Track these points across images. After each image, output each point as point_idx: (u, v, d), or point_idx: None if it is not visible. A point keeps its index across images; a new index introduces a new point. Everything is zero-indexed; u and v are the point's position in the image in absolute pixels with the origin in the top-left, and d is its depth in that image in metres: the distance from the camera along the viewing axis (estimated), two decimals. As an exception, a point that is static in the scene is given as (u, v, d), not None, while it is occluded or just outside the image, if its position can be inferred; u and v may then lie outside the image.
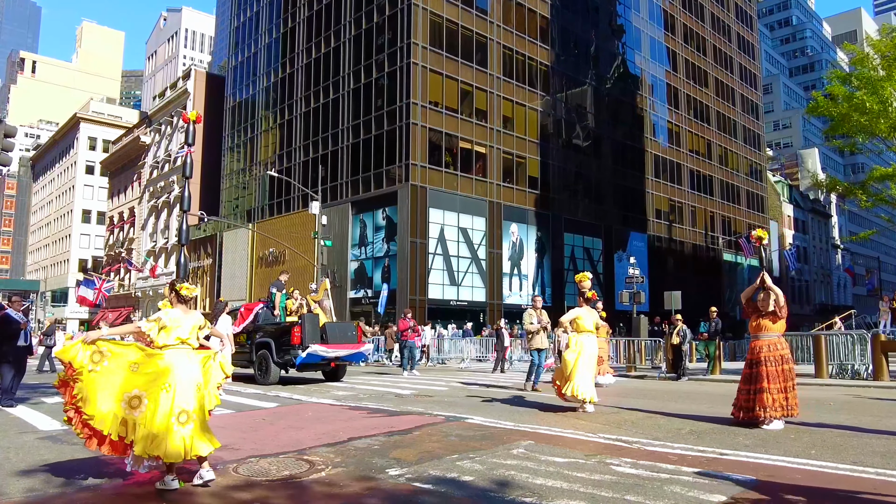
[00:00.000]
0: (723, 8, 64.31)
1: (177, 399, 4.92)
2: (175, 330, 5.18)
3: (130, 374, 5.04)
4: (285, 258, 43.10)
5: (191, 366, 5.15)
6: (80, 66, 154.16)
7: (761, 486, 4.85)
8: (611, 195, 48.01)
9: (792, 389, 7.66)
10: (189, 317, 5.31)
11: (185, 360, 5.13)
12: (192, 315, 5.37)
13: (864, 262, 78.98)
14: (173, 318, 5.22)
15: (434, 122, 37.39)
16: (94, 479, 5.31)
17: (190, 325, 5.27)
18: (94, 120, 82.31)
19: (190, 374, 5.09)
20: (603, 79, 48.70)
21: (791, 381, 7.68)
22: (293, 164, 45.08)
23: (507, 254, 40.20)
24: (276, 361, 14.09)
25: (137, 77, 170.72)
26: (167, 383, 4.95)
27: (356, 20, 41.02)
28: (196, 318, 5.39)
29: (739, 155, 63.70)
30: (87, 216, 79.65)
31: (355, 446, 6.57)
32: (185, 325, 5.24)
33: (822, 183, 35.46)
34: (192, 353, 5.25)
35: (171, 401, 4.90)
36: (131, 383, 5.00)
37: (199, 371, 5.19)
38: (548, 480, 5.01)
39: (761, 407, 7.54)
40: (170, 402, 4.90)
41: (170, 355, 5.09)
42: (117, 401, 4.97)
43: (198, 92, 57.04)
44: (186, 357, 5.16)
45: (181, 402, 4.93)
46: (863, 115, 25.71)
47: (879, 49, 26.55)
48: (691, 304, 33.03)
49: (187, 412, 4.92)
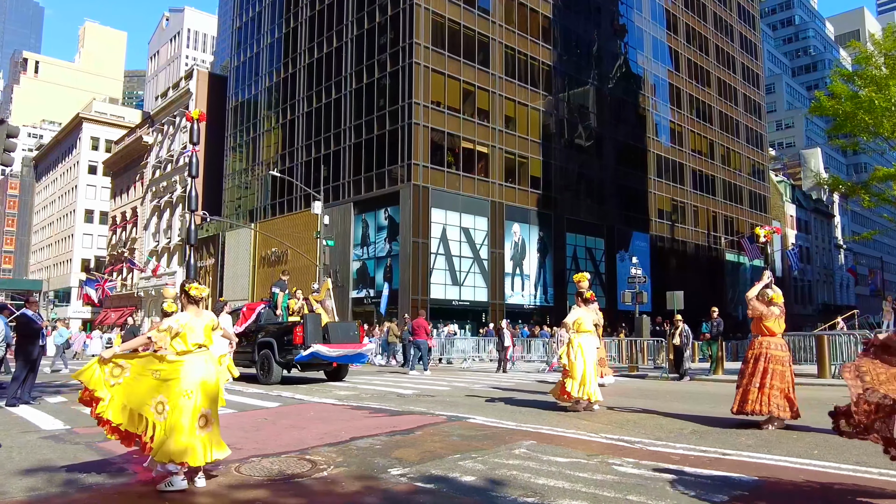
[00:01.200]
0: (725, 7, 64.21)
1: (198, 405, 4.98)
2: (190, 335, 5.17)
3: (153, 381, 5.08)
4: (288, 258, 43.13)
5: (210, 371, 5.19)
6: (82, 67, 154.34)
7: (764, 487, 4.84)
8: (613, 195, 47.96)
9: (791, 390, 7.64)
10: (201, 319, 5.31)
11: (204, 366, 5.16)
12: (203, 316, 5.36)
13: (867, 262, 78.90)
14: (185, 323, 5.20)
15: (436, 122, 37.38)
16: (96, 477, 5.31)
17: (202, 328, 5.27)
18: (97, 120, 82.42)
19: (209, 379, 5.15)
20: (605, 78, 48.65)
21: (789, 380, 7.65)
22: (295, 163, 45.11)
23: (509, 254, 40.18)
24: (279, 361, 14.10)
25: (140, 77, 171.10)
26: (189, 390, 4.98)
27: (358, 20, 41.03)
28: (208, 318, 5.40)
29: (742, 155, 63.61)
30: (90, 216, 79.77)
31: (357, 446, 6.57)
32: (198, 328, 5.23)
33: (824, 182, 35.44)
34: (210, 357, 5.28)
35: (193, 407, 4.95)
36: (156, 390, 5.05)
37: (216, 376, 5.25)
38: (550, 480, 5.00)
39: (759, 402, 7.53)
40: (192, 408, 4.94)
41: (189, 361, 5.10)
42: (146, 406, 5.03)
43: (200, 92, 57.10)
44: (205, 362, 5.19)
45: (202, 407, 5.00)
46: (868, 114, 25.69)
47: (884, 48, 26.52)
48: (694, 305, 32.93)
49: (206, 416, 4.99)
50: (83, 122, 79.97)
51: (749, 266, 61.18)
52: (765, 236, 9.22)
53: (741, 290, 59.98)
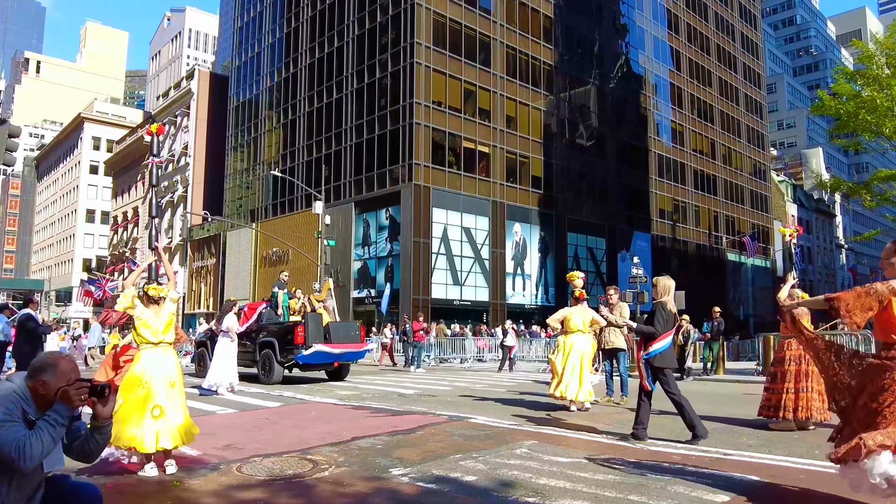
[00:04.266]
0: (727, 7, 64.13)
1: (151, 395, 5.39)
2: (149, 330, 5.66)
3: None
4: (289, 258, 43.14)
5: (165, 364, 5.61)
6: (84, 67, 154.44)
7: (765, 487, 4.84)
8: (614, 195, 47.93)
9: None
10: (161, 317, 5.76)
11: (161, 359, 5.60)
12: (163, 313, 5.79)
13: (869, 262, 78.83)
14: (147, 317, 5.71)
15: (437, 122, 37.38)
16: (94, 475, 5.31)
17: (164, 324, 5.73)
18: (99, 120, 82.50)
19: (165, 370, 5.56)
20: (606, 78, 48.62)
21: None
22: (297, 163, 45.12)
23: (510, 253, 40.17)
24: (280, 361, 14.12)
25: (141, 77, 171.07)
26: (143, 381, 5.42)
27: (359, 20, 41.03)
28: (167, 313, 5.80)
29: (743, 154, 63.53)
30: (92, 216, 79.85)
31: (359, 446, 6.57)
32: (158, 325, 5.70)
33: (826, 183, 35.40)
34: (167, 351, 5.72)
35: (146, 397, 5.37)
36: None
37: (174, 368, 5.65)
38: (551, 480, 5.00)
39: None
40: (144, 398, 5.36)
41: (145, 355, 5.60)
42: None
43: (201, 92, 57.13)
44: (162, 355, 5.63)
45: (156, 398, 5.39)
46: (870, 114, 25.65)
47: (886, 47, 26.48)
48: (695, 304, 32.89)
49: (160, 407, 5.36)
50: (85, 122, 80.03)
51: (751, 266, 61.12)
52: (789, 235, 9.21)
53: (742, 290, 59.97)
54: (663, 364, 6.68)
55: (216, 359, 12.24)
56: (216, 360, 12.21)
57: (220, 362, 12.12)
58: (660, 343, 6.62)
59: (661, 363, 6.66)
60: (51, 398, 2.82)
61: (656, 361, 6.65)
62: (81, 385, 2.84)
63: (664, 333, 6.66)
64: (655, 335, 6.65)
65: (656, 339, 6.64)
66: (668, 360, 6.78)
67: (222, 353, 12.21)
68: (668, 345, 6.65)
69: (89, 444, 3.00)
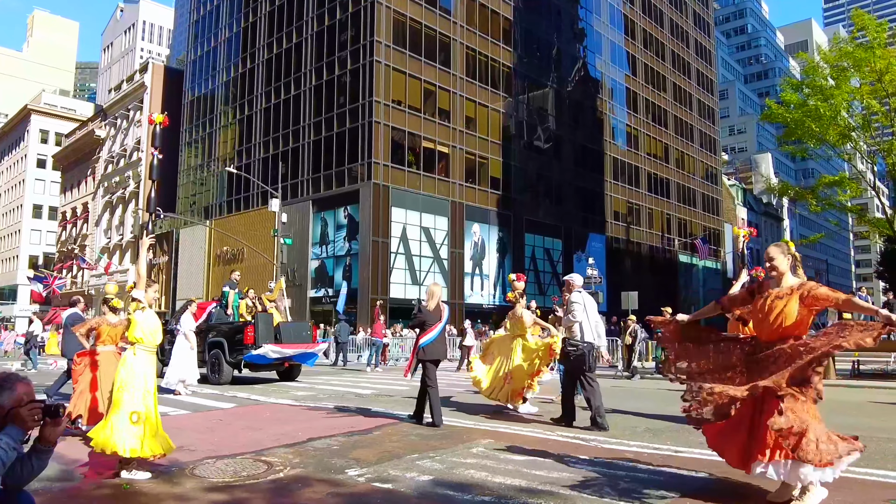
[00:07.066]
0: (681, 14, 65.60)
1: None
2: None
3: None
4: (244, 256, 42.50)
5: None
6: (31, 56, 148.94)
7: (715, 483, 4.98)
8: (571, 197, 48.55)
9: None
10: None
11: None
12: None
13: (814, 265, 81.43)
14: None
15: (397, 121, 37.31)
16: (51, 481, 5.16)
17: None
18: (47, 112, 79.95)
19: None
20: (564, 81, 49.22)
21: None
22: (253, 160, 44.47)
23: (468, 253, 40.34)
24: (229, 361, 13.89)
25: (92, 69, 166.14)
26: (121, 385, 5.35)
27: (319, 16, 40.67)
28: (151, 314, 5.77)
29: (696, 159, 65.06)
30: (39, 211, 77.33)
31: (314, 447, 6.52)
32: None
33: (774, 187, 36.44)
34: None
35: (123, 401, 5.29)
36: None
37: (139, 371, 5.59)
38: (507, 479, 5.05)
39: None
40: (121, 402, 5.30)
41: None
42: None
43: (155, 86, 55.84)
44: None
45: (133, 403, 5.28)
46: (815, 122, 26.58)
47: (828, 59, 27.49)
48: (648, 305, 33.55)
49: (138, 413, 5.25)
50: (31, 114, 77.47)
51: (702, 267, 62.61)
52: (744, 236, 9.57)
53: (693, 291, 61.42)
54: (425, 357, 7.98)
55: (174, 358, 12.10)
56: (174, 360, 12.09)
57: (178, 361, 12.02)
58: (426, 336, 7.98)
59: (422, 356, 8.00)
60: (1, 419, 2.68)
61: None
62: (34, 406, 2.71)
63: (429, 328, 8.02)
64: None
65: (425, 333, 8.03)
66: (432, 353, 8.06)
67: (181, 351, 12.11)
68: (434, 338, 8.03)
69: (23, 468, 2.77)
